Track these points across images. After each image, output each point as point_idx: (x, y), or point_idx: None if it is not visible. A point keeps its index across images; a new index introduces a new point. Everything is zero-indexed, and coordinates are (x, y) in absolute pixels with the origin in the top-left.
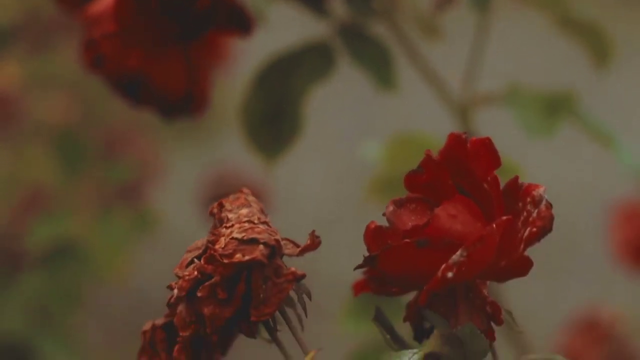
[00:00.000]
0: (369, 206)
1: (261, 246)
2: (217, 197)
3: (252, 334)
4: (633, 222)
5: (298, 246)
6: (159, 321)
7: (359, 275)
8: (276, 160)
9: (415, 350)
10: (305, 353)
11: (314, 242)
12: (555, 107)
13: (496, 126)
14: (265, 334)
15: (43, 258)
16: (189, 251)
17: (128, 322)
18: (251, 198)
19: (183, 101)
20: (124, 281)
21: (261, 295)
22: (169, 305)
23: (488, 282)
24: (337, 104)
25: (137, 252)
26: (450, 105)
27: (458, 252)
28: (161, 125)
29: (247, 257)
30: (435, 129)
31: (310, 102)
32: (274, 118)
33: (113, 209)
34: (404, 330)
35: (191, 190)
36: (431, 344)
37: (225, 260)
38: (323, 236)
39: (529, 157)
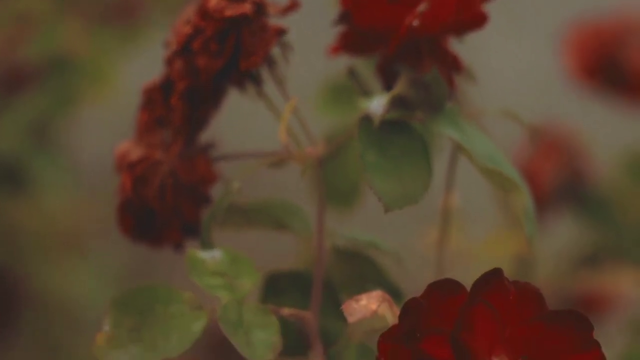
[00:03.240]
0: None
1: (248, 4)
2: None
3: (240, 85)
4: (586, 42)
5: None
6: (157, 80)
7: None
8: None
9: (384, 94)
10: (287, 101)
11: (295, 4)
12: None
13: None
14: (252, 91)
15: (38, 74)
16: (183, 16)
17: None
18: None
19: None
20: (115, 98)
21: (249, 48)
22: (166, 62)
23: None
24: None
25: (127, 69)
26: None
27: (422, 4)
28: None
29: (236, 12)
30: None
31: None
32: None
33: (105, 24)
34: None
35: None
36: (398, 87)
37: (217, 16)
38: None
39: None
